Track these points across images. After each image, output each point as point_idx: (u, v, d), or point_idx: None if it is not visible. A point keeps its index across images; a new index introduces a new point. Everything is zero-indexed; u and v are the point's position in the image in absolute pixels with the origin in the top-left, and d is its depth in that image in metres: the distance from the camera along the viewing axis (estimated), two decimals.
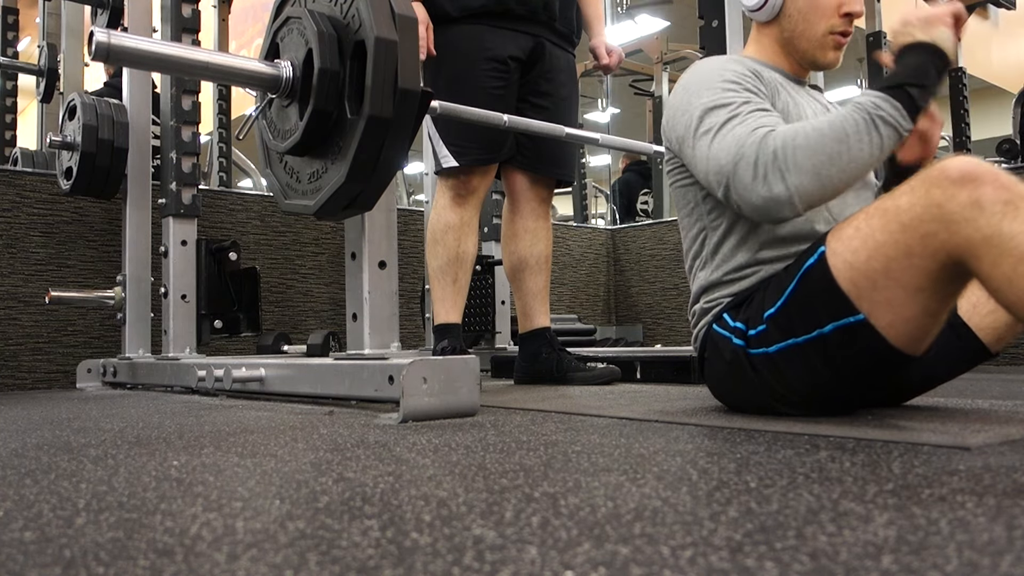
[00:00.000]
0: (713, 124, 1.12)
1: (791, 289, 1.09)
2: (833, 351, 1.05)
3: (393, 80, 1.22)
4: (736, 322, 1.17)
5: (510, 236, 2.18)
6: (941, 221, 0.90)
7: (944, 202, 0.90)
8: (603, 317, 4.31)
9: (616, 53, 2.23)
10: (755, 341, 1.13)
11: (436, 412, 1.27)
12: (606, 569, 0.44)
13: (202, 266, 2.41)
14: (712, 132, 1.12)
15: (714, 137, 1.11)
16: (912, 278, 0.96)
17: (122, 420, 1.37)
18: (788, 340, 1.09)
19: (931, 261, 0.93)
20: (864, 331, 1.01)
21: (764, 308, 1.13)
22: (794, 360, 1.09)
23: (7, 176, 2.63)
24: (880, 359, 1.03)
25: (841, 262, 1.02)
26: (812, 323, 1.06)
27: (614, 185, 6.01)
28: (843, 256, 1.02)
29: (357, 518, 0.58)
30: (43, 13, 4.00)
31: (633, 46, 6.25)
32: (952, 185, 0.90)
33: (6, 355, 2.54)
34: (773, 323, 1.11)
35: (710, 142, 1.11)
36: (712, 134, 1.11)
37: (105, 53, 1.23)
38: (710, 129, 1.12)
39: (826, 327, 1.04)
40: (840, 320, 1.03)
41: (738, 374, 1.17)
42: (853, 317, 1.01)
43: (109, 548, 0.51)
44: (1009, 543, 0.47)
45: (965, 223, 0.88)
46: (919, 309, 0.98)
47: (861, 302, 1.00)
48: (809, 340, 1.06)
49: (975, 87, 5.24)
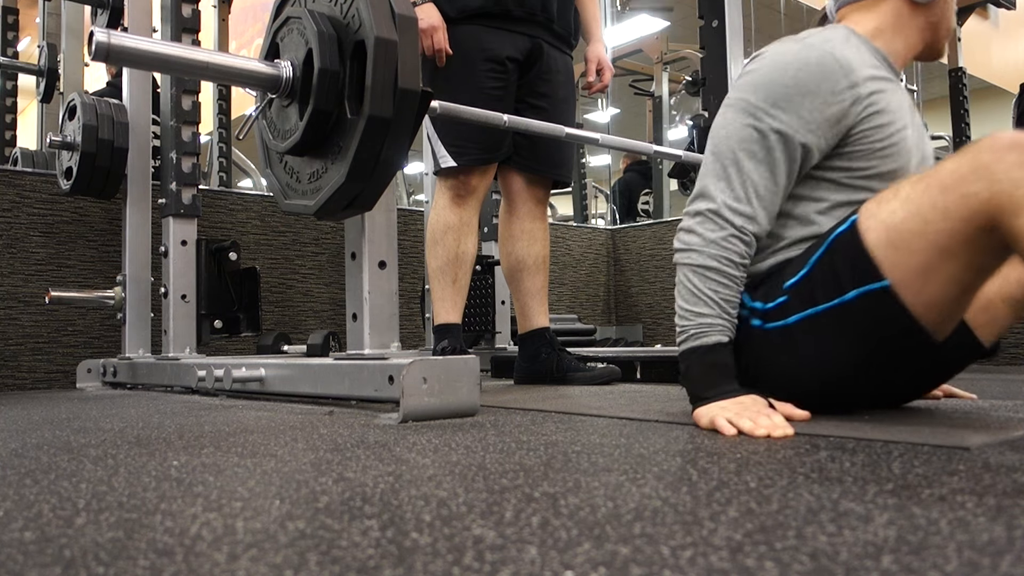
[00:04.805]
0: (732, 165, 1.16)
1: (816, 257, 1.08)
2: (854, 322, 1.03)
3: (393, 80, 1.22)
4: (754, 302, 1.16)
5: (507, 237, 2.18)
6: (986, 180, 0.90)
7: (992, 163, 0.90)
8: (603, 317, 4.31)
9: (607, 71, 2.22)
10: (773, 314, 1.12)
11: (436, 412, 1.27)
12: (606, 569, 0.44)
13: (202, 266, 2.41)
14: (728, 169, 1.16)
15: (722, 178, 1.16)
16: (947, 240, 0.94)
17: (122, 420, 1.37)
18: (807, 310, 1.07)
19: (968, 224, 0.92)
20: (888, 300, 0.99)
21: (784, 279, 1.11)
22: (812, 333, 1.07)
23: (7, 176, 2.63)
24: (902, 335, 1.02)
25: (876, 223, 1.01)
26: (835, 290, 1.04)
27: (614, 185, 6.01)
28: (878, 217, 1.01)
29: (357, 518, 0.58)
30: (43, 13, 4.00)
31: (633, 46, 6.25)
32: (1002, 150, 0.90)
33: (6, 355, 2.54)
34: (794, 292, 1.09)
35: (723, 171, 1.16)
36: (727, 171, 1.16)
37: (105, 53, 1.23)
38: (732, 163, 1.16)
39: (848, 294, 1.03)
40: (864, 286, 1.01)
41: (756, 360, 1.15)
42: (878, 283, 1.00)
43: (109, 548, 0.51)
44: (1009, 543, 0.47)
45: (1010, 183, 0.88)
46: (947, 278, 0.97)
47: (889, 268, 0.99)
48: (830, 309, 1.05)
49: (975, 87, 5.24)
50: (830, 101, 1.13)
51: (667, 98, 5.73)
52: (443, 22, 1.98)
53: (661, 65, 5.78)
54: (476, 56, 2.01)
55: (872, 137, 1.15)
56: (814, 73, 1.13)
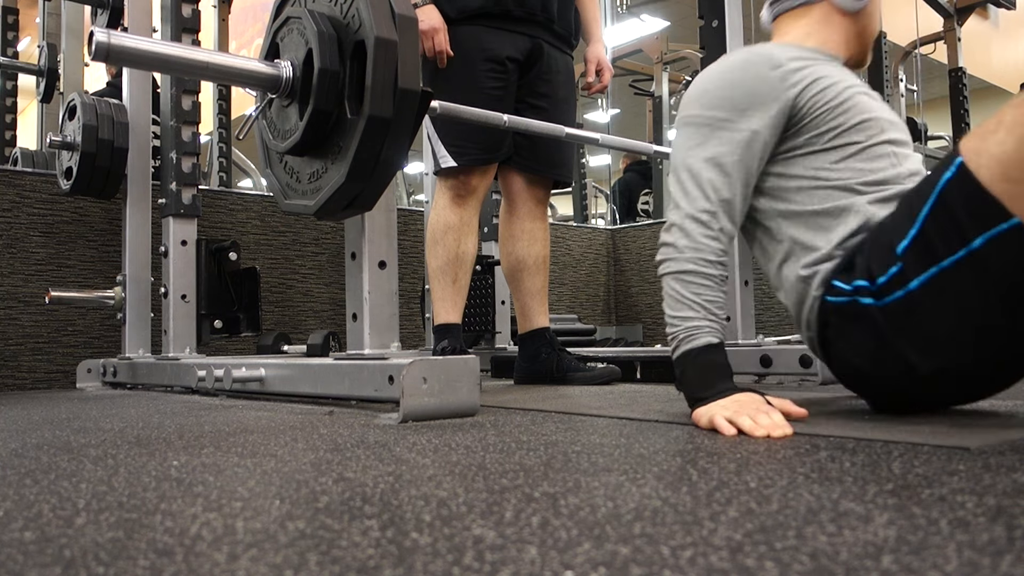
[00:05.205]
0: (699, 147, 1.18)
1: (927, 211, 0.98)
2: (986, 270, 0.93)
3: (393, 80, 1.22)
4: (856, 281, 1.07)
5: (507, 237, 2.18)
6: None
7: None
8: (603, 317, 4.31)
9: (607, 72, 2.22)
10: (888, 286, 1.02)
11: (436, 412, 1.27)
12: (606, 569, 0.44)
13: (202, 266, 2.41)
14: (696, 151, 1.19)
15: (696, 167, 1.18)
16: None
17: (122, 420, 1.37)
18: (931, 269, 0.97)
19: None
20: (1022, 239, 0.89)
21: (893, 245, 1.02)
22: (941, 294, 0.97)
23: (7, 176, 2.63)
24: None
25: (987, 159, 0.91)
26: (958, 241, 0.94)
27: (614, 185, 6.01)
28: (988, 152, 0.91)
29: (357, 518, 0.58)
30: (43, 13, 3.99)
31: (633, 46, 6.25)
32: None
33: (6, 355, 2.54)
34: (911, 254, 0.99)
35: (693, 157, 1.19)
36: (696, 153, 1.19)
37: (105, 53, 1.23)
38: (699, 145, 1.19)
39: (975, 241, 0.92)
40: (991, 230, 0.91)
41: (874, 346, 1.05)
42: (1007, 223, 0.90)
43: (109, 548, 0.51)
44: (1009, 543, 0.47)
45: None
46: None
47: (1014, 202, 0.89)
48: (956, 261, 0.95)
49: (975, 87, 5.24)
50: (758, 86, 1.18)
51: (667, 98, 5.73)
52: (444, 24, 1.99)
53: (661, 65, 5.79)
54: (476, 56, 2.01)
55: (822, 100, 1.18)
56: (737, 68, 1.22)
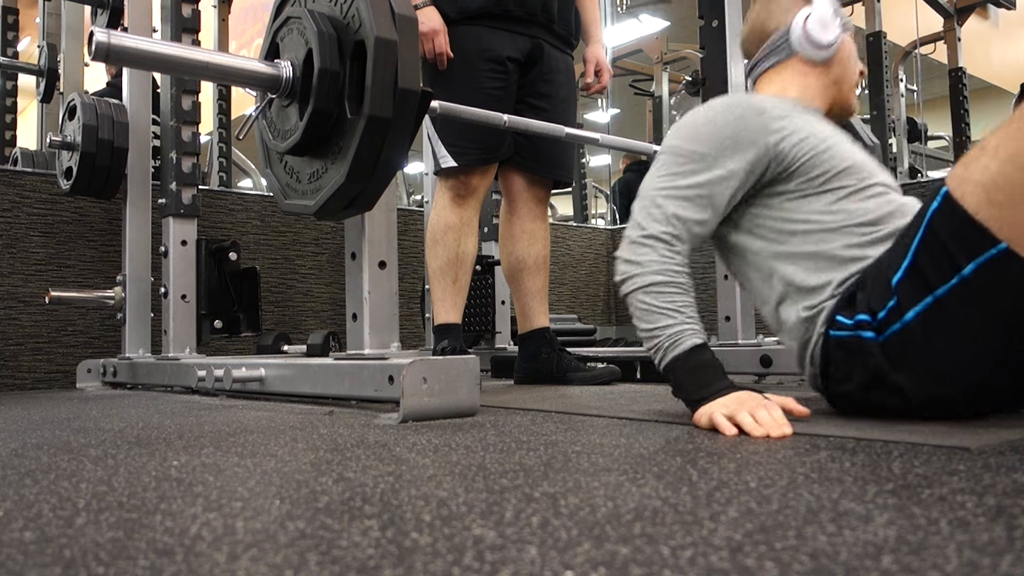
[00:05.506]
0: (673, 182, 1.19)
1: (917, 242, 0.99)
2: (979, 299, 0.93)
3: (393, 80, 1.22)
4: (858, 316, 1.07)
5: (507, 237, 2.19)
6: None
7: None
8: (603, 317, 4.31)
9: (606, 73, 2.23)
10: (887, 320, 1.02)
11: (436, 412, 1.27)
12: (606, 569, 0.44)
13: (202, 266, 2.41)
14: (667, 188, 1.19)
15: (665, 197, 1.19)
16: None
17: (122, 420, 1.37)
18: (926, 299, 0.97)
19: None
20: (1011, 264, 0.89)
21: (888, 277, 1.02)
22: (937, 324, 0.97)
23: (7, 176, 2.63)
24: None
25: (971, 186, 0.91)
26: (949, 269, 0.94)
27: (614, 185, 6.01)
28: (972, 179, 0.92)
29: (357, 518, 0.58)
30: (43, 13, 3.99)
31: (633, 46, 6.25)
32: None
33: (6, 355, 2.54)
34: (906, 286, 1.00)
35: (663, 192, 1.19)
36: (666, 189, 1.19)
37: (105, 53, 1.23)
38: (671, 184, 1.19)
39: (966, 269, 0.92)
40: (981, 256, 0.91)
41: (872, 380, 1.06)
42: (995, 248, 0.90)
43: (109, 548, 0.51)
44: (1009, 543, 0.47)
45: None
46: None
47: (1001, 227, 0.89)
48: (950, 290, 0.94)
49: (975, 87, 5.24)
50: (741, 129, 1.19)
51: (667, 98, 5.73)
52: (444, 26, 1.98)
53: (661, 65, 5.79)
54: (476, 56, 2.01)
55: (805, 147, 1.18)
56: (724, 110, 1.22)
